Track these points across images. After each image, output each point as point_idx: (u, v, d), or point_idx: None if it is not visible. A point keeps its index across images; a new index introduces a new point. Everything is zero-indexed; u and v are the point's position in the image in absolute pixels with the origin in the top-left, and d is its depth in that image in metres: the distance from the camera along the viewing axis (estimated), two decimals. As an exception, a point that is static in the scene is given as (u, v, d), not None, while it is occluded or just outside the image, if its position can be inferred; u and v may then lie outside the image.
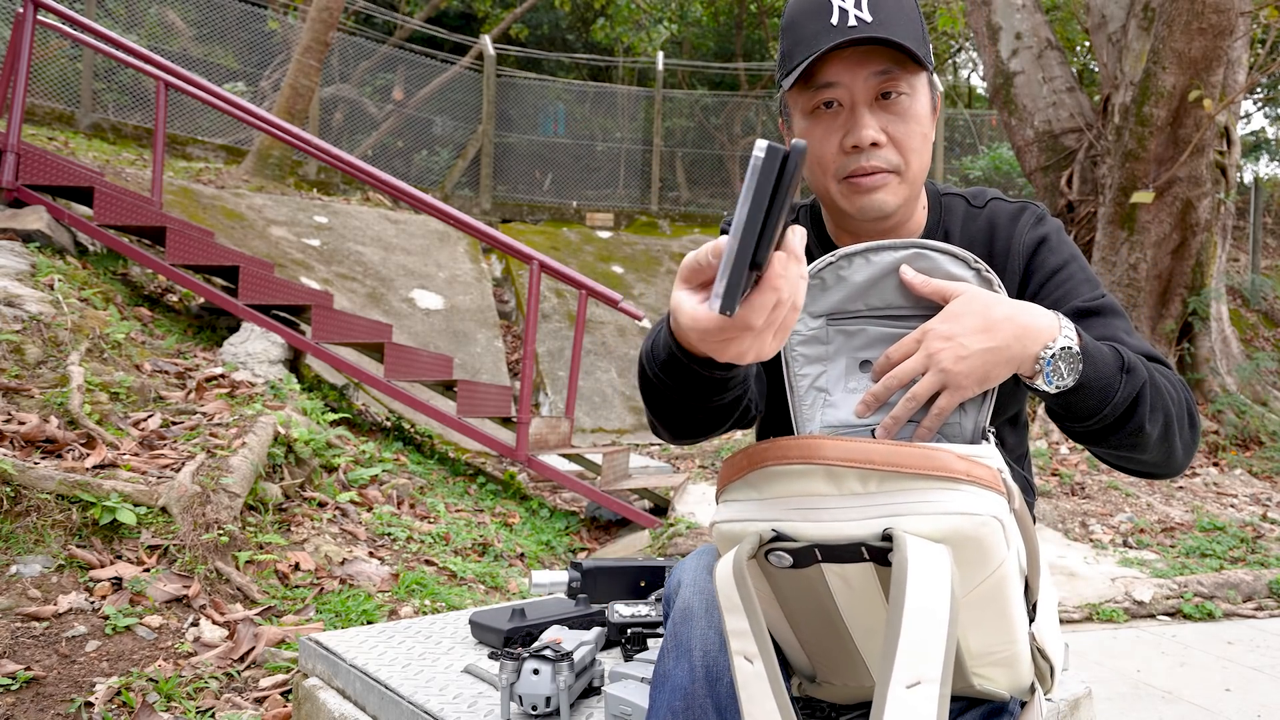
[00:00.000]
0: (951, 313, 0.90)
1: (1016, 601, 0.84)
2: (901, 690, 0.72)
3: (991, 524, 0.78)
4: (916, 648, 0.73)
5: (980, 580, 0.80)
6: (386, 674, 1.45)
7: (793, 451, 0.81)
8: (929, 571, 0.74)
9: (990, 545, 0.78)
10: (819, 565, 0.82)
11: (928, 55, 1.04)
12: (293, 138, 5.13)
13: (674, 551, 3.88)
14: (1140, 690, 2.76)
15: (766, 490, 0.84)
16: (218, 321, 4.79)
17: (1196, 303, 6.68)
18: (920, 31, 1.03)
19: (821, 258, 0.98)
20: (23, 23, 4.52)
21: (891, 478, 0.79)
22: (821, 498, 0.81)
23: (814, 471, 0.81)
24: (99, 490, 2.58)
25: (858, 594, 0.83)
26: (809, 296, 0.97)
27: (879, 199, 1.05)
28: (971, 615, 0.83)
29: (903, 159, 1.04)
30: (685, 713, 0.96)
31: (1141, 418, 0.93)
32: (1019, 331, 0.89)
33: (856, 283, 0.96)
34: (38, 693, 2.02)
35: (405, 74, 11.45)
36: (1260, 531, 4.53)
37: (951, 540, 0.77)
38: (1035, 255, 1.10)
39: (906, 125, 1.03)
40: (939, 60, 13.87)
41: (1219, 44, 5.77)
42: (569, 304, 8.10)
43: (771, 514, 0.83)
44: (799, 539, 0.81)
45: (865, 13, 0.99)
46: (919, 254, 0.95)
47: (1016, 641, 0.87)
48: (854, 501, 0.80)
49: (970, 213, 1.15)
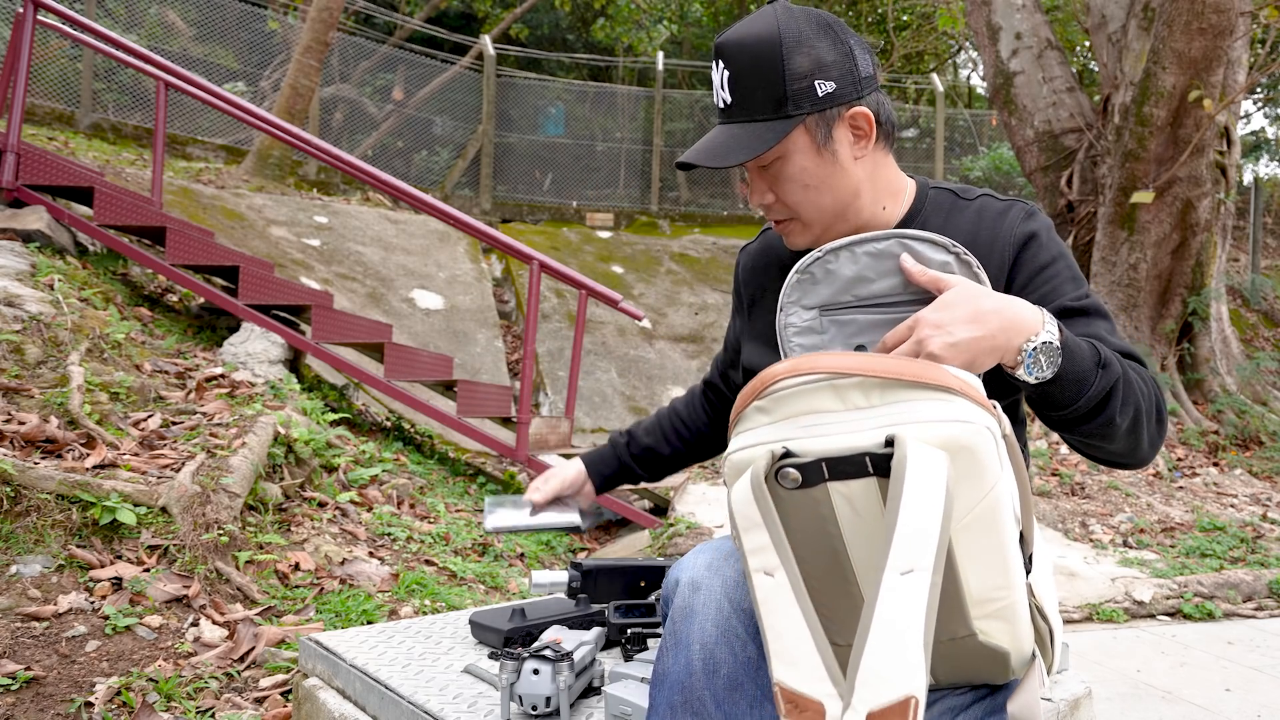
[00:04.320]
0: (944, 302, 0.97)
1: (1011, 538, 0.87)
2: (896, 577, 0.78)
3: (985, 434, 0.83)
4: (911, 537, 0.78)
5: (976, 499, 0.84)
6: (386, 674, 1.45)
7: (802, 367, 0.88)
8: (926, 468, 0.79)
9: (984, 457, 0.83)
10: (826, 487, 0.85)
11: (802, 101, 1.08)
12: (293, 138, 5.13)
13: (674, 551, 3.88)
14: (1140, 690, 2.76)
15: (777, 412, 0.89)
16: (218, 321, 4.79)
17: (1196, 303, 6.68)
18: (779, 91, 1.08)
19: (809, 254, 1.07)
20: (23, 23, 4.52)
21: (892, 388, 0.85)
22: (827, 414, 0.86)
23: (819, 388, 0.87)
24: (99, 490, 2.58)
25: (863, 520, 0.86)
26: (801, 290, 1.06)
27: (792, 241, 1.19)
28: (969, 544, 0.86)
29: (791, 210, 1.15)
30: (683, 706, 0.97)
31: (1113, 411, 1.00)
32: (1005, 324, 0.95)
33: (844, 276, 1.03)
34: (38, 693, 2.02)
35: (405, 74, 11.45)
36: (1260, 531, 4.53)
37: (949, 447, 0.82)
38: (1024, 249, 1.14)
39: (783, 185, 1.14)
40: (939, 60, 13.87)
41: (1219, 44, 5.77)
42: (569, 304, 8.10)
43: (781, 434, 0.88)
44: (807, 455, 0.85)
45: (727, 93, 1.12)
46: (900, 242, 1.02)
47: (1014, 588, 0.89)
48: (857, 415, 0.85)
49: (957, 205, 1.19)
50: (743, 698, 0.98)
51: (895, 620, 0.77)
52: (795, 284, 1.06)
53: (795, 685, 0.82)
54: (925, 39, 13.00)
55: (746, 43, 1.09)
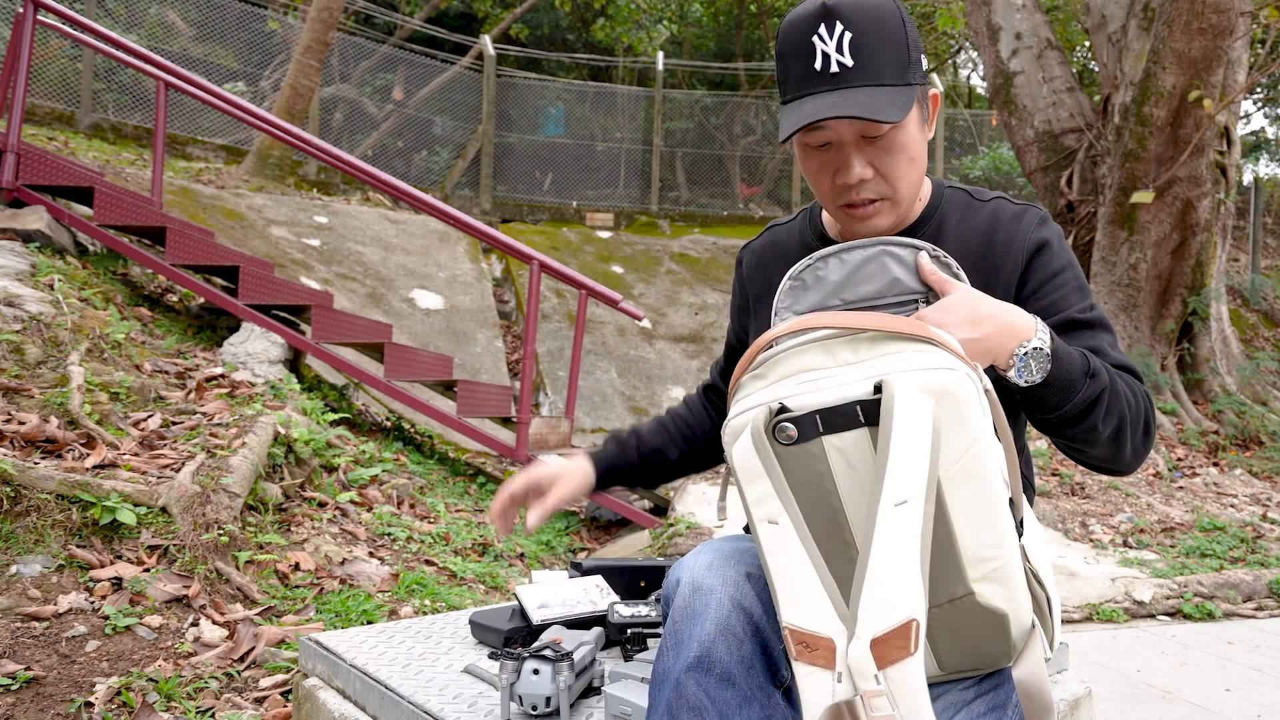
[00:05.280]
0: (944, 305, 1.00)
1: (1000, 496, 0.90)
2: (890, 509, 0.82)
3: (966, 380, 0.88)
4: (903, 470, 0.83)
5: (963, 448, 0.87)
6: (386, 674, 1.45)
7: (793, 326, 0.94)
8: (913, 407, 0.84)
9: (966, 403, 0.87)
10: (821, 441, 0.89)
11: (916, 71, 1.09)
12: (293, 138, 5.13)
13: (674, 551, 3.88)
14: (1140, 690, 2.76)
15: (770, 375, 0.93)
16: (218, 321, 4.79)
17: (1196, 303, 6.68)
18: (905, 56, 1.08)
19: (800, 261, 1.08)
20: (23, 23, 4.52)
21: (880, 340, 0.90)
22: (818, 370, 0.91)
23: (809, 348, 0.92)
24: (99, 490, 2.58)
25: (858, 474, 0.89)
26: (793, 296, 1.08)
27: (872, 224, 1.15)
28: (959, 495, 0.88)
29: (890, 187, 1.12)
30: (678, 702, 0.98)
31: (1096, 418, 1.04)
32: (1000, 328, 0.99)
33: (833, 281, 1.06)
34: (38, 693, 2.02)
35: (405, 74, 11.45)
36: (1260, 531, 4.53)
37: (933, 392, 0.86)
38: (1037, 256, 1.16)
39: (892, 157, 1.10)
40: (939, 60, 13.87)
41: (1219, 44, 5.77)
42: (569, 304, 8.10)
43: (776, 394, 0.92)
44: (801, 409, 0.89)
45: (847, 56, 1.05)
46: (884, 250, 1.05)
47: (1006, 547, 0.91)
48: (847, 369, 0.90)
49: (972, 206, 1.21)
50: (734, 695, 0.99)
51: (892, 549, 0.81)
52: (787, 290, 1.08)
53: (804, 625, 0.86)
54: (925, 39, 13.00)
55: (865, 6, 1.05)
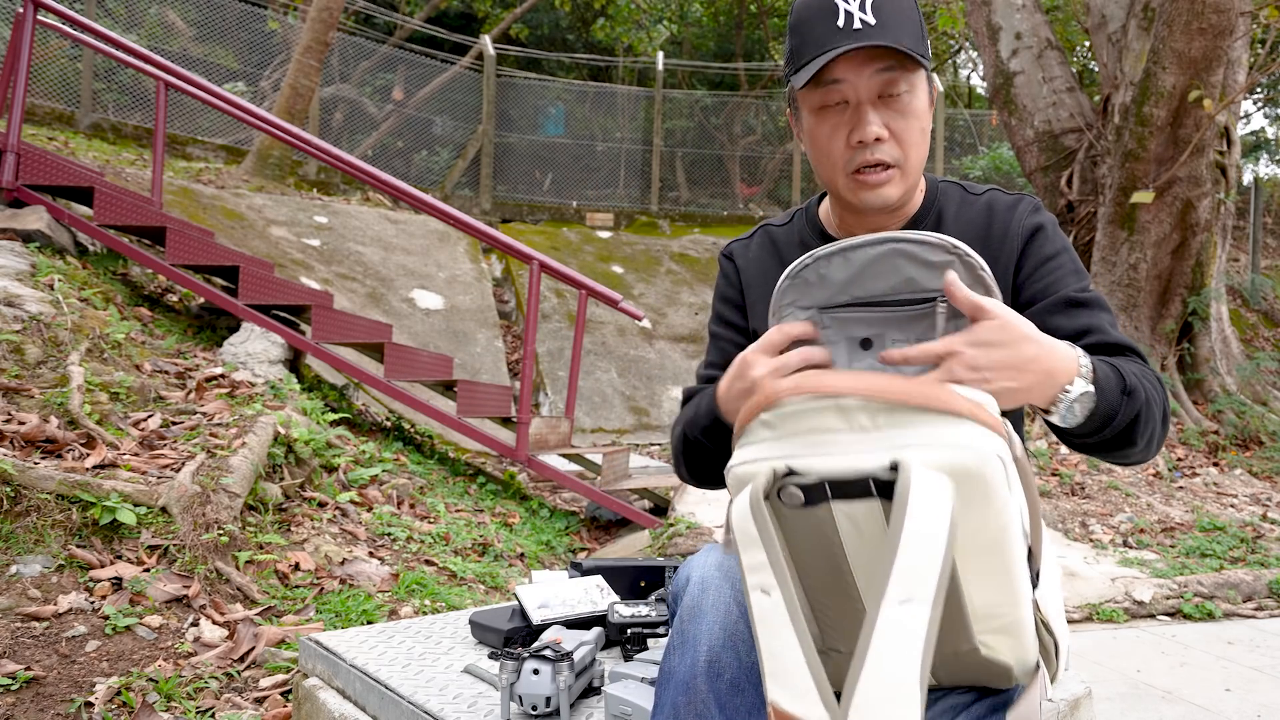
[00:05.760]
0: (981, 340, 0.91)
1: (1019, 557, 0.85)
2: (894, 607, 0.75)
3: (994, 461, 0.80)
4: (912, 567, 0.75)
5: (983, 523, 0.82)
6: (386, 674, 1.45)
7: (807, 385, 0.85)
8: (930, 496, 0.76)
9: (992, 483, 0.80)
10: (829, 505, 0.84)
11: (926, 53, 1.11)
12: (293, 138, 5.12)
13: (674, 551, 3.88)
14: (1140, 690, 2.76)
15: (781, 428, 0.86)
16: (218, 321, 4.79)
17: (1196, 303, 6.68)
18: (919, 30, 1.10)
19: (800, 258, 1.02)
20: (23, 23, 4.52)
21: (899, 411, 0.82)
22: (832, 433, 0.84)
23: (826, 407, 0.84)
24: (99, 490, 2.58)
25: (866, 539, 0.84)
26: (796, 292, 1.03)
27: (883, 193, 1.13)
28: (974, 564, 0.84)
29: (903, 153, 1.12)
30: (687, 707, 0.97)
31: (1135, 434, 1.02)
32: (1043, 374, 0.93)
33: (838, 280, 1.01)
34: (38, 693, 2.02)
35: (405, 74, 11.44)
36: (1260, 531, 4.53)
37: (955, 474, 0.79)
38: (1031, 241, 1.18)
39: (907, 121, 1.10)
40: (939, 60, 13.87)
41: (1219, 44, 5.77)
42: (569, 304, 8.10)
43: (784, 451, 0.85)
44: (810, 474, 0.83)
45: (869, 15, 1.07)
46: (895, 247, 0.98)
47: (1020, 605, 0.87)
48: (863, 436, 0.83)
49: (967, 199, 1.23)
50: (743, 703, 0.98)
51: (892, 651, 0.75)
52: (787, 288, 1.03)
53: (789, 707, 0.81)
54: (925, 39, 12.98)
55: None
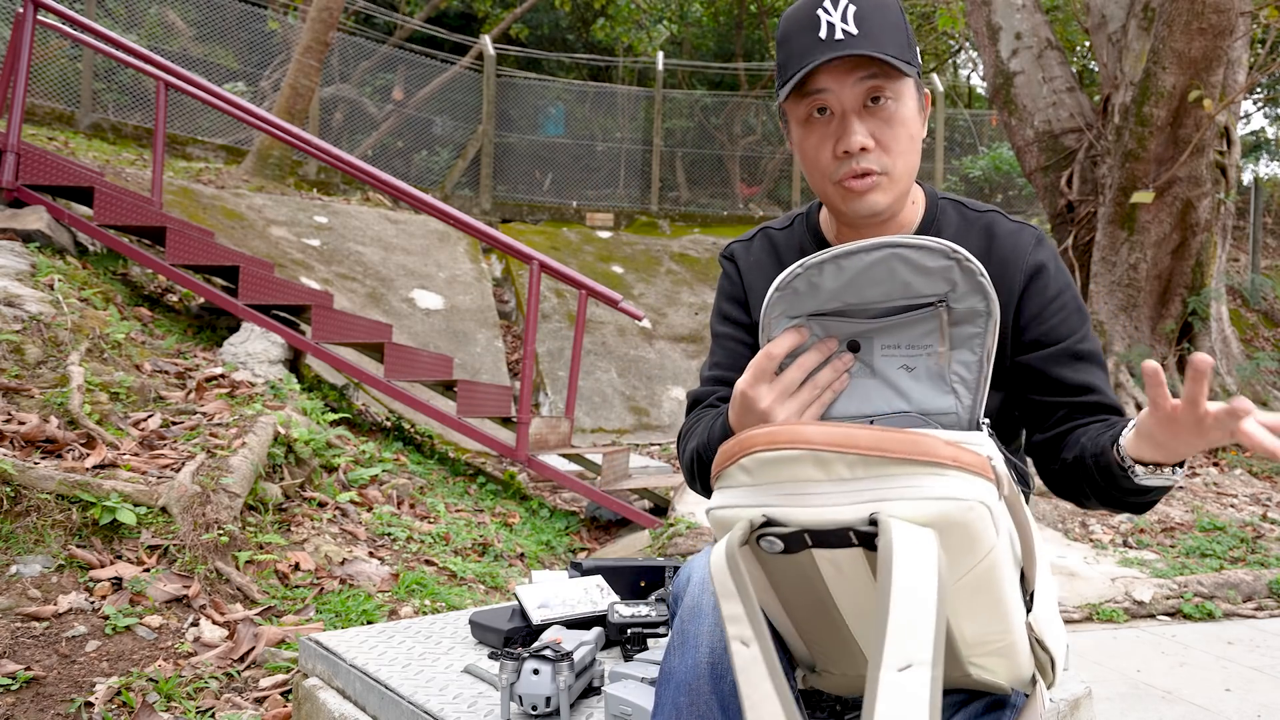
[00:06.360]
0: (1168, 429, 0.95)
1: (1010, 590, 0.85)
2: (893, 673, 0.73)
3: (979, 509, 0.79)
4: (906, 630, 0.73)
5: (969, 567, 0.81)
6: (386, 674, 1.45)
7: (781, 437, 0.83)
8: (914, 555, 0.75)
9: (978, 531, 0.79)
10: (810, 551, 0.83)
11: (914, 60, 1.10)
12: (293, 138, 5.12)
13: (674, 551, 3.88)
14: (1140, 690, 2.76)
15: (759, 475, 0.85)
16: (218, 321, 4.79)
17: (1196, 303, 6.68)
18: (905, 39, 1.09)
19: (791, 267, 1.00)
20: (23, 23, 4.52)
21: (878, 463, 0.81)
22: (811, 483, 0.83)
23: (803, 457, 0.82)
24: (99, 490, 2.58)
25: (849, 579, 0.84)
26: (785, 303, 1.01)
27: (870, 200, 1.11)
28: (964, 603, 0.84)
29: (890, 160, 1.10)
30: (689, 708, 0.97)
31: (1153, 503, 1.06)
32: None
33: (830, 288, 0.99)
34: (38, 693, 2.02)
35: (405, 74, 11.44)
36: (1260, 531, 4.53)
37: (938, 525, 0.78)
38: (1036, 278, 1.17)
39: (892, 129, 1.10)
40: (939, 60, 13.87)
41: (1219, 44, 5.77)
42: (569, 304, 8.10)
43: (762, 499, 0.84)
44: (789, 524, 0.82)
45: (851, 25, 1.07)
46: (893, 253, 0.96)
47: (1012, 631, 0.87)
48: (842, 487, 0.81)
49: (967, 217, 1.21)
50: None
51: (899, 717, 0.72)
52: (776, 300, 1.01)
53: None
54: (925, 39, 13.00)
55: None
